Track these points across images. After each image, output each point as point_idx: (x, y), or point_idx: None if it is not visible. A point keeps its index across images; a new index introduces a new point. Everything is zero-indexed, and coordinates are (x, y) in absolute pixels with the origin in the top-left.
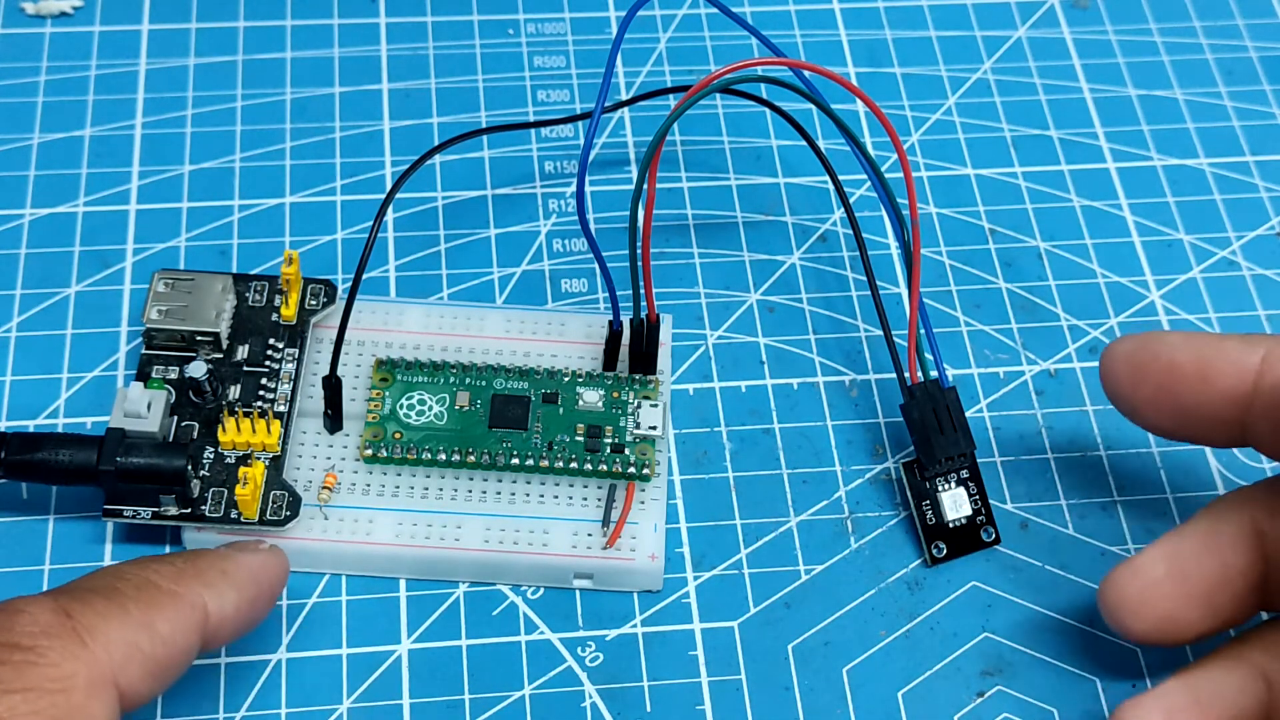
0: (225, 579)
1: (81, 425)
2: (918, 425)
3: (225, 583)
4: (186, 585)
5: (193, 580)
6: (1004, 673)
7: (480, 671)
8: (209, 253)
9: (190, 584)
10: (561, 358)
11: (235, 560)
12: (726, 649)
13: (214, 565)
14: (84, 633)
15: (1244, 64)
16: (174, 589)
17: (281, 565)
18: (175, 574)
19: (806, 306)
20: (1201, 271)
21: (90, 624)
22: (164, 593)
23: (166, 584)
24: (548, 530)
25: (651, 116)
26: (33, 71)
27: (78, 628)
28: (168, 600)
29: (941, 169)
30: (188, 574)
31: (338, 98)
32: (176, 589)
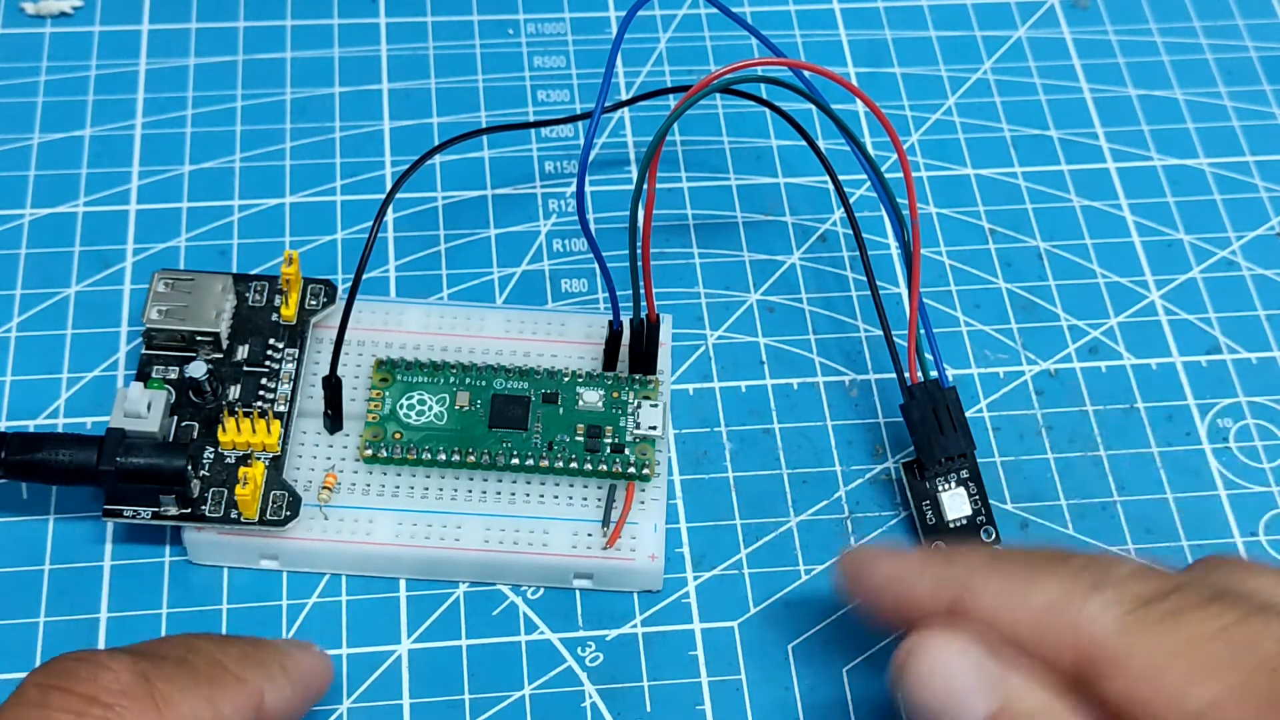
0: (284, 674)
1: (81, 425)
2: (918, 425)
3: (283, 678)
4: (250, 672)
5: (256, 668)
6: None
7: (480, 671)
8: (209, 253)
9: (254, 671)
10: (561, 358)
11: (294, 658)
12: (726, 649)
13: (276, 659)
14: (160, 699)
15: (1244, 64)
16: (239, 674)
17: (329, 671)
18: (241, 659)
19: (806, 306)
20: (1201, 271)
21: (166, 692)
22: (230, 675)
23: (234, 667)
24: (548, 530)
25: (651, 116)
26: (33, 71)
27: (155, 693)
28: (233, 684)
29: (941, 169)
30: (252, 661)
31: (338, 98)
32: (242, 674)
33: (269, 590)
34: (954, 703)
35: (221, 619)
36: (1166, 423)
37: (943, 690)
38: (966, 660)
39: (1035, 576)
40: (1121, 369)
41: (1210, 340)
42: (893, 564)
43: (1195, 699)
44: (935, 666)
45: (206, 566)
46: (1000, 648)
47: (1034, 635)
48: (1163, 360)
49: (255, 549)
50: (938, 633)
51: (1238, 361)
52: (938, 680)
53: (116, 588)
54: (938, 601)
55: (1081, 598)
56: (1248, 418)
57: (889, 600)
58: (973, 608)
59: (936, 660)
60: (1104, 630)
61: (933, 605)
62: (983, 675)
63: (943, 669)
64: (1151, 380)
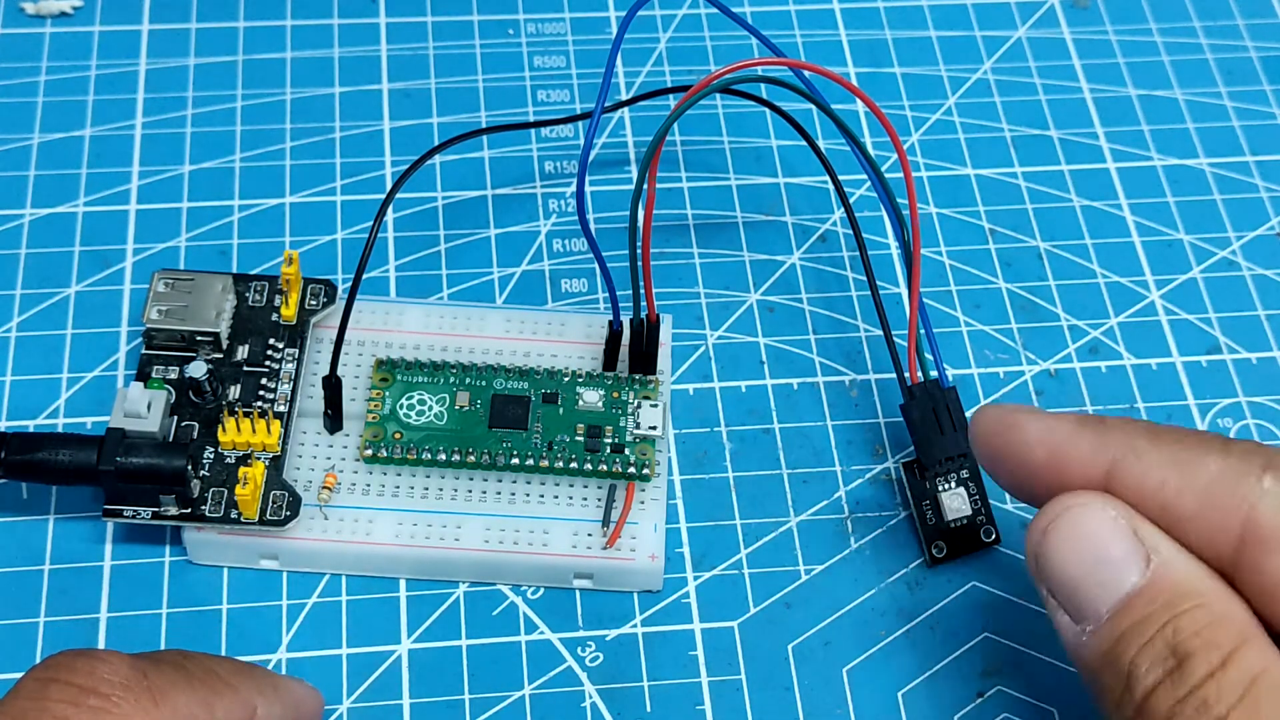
0: (276, 693)
1: (81, 425)
2: (918, 425)
3: (275, 696)
4: (244, 683)
5: (249, 681)
6: (1004, 673)
7: (480, 671)
8: (209, 253)
9: (247, 683)
10: (561, 358)
11: (287, 681)
12: (726, 649)
13: (269, 678)
14: (156, 693)
15: (1244, 64)
16: (233, 683)
17: (320, 703)
18: (235, 671)
19: (806, 306)
20: (1201, 271)
21: (163, 688)
22: (224, 683)
23: (226, 674)
24: (548, 530)
25: (651, 116)
26: (33, 71)
27: (152, 688)
28: (227, 690)
29: (941, 169)
30: (245, 675)
31: (338, 98)
32: (235, 684)
33: (269, 590)
34: (1102, 570)
35: (221, 619)
36: (1166, 423)
37: (1091, 556)
38: (1120, 527)
39: (1203, 450)
40: (1121, 369)
41: (1210, 340)
42: (1044, 424)
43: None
44: (1086, 530)
45: (206, 566)
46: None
47: (1197, 509)
48: (1163, 360)
49: (255, 549)
50: (1089, 497)
51: (1238, 361)
52: (1086, 546)
53: (116, 588)
54: (1094, 467)
55: (1255, 475)
56: (1248, 418)
57: (1038, 461)
58: (1132, 476)
59: (1088, 524)
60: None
61: (1087, 471)
62: (1136, 544)
63: (1093, 534)
64: (1151, 380)
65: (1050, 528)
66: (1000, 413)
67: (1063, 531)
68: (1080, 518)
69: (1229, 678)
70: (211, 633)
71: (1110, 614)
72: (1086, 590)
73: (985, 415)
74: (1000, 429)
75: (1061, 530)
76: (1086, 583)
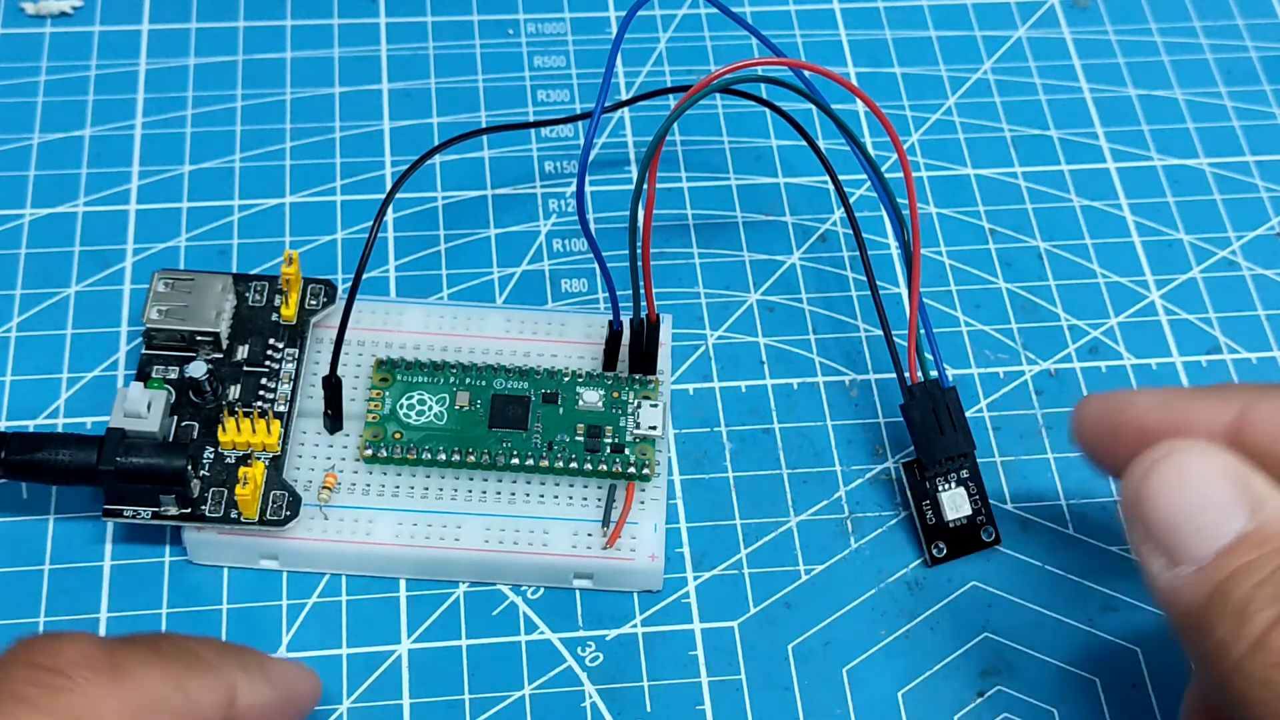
0: (261, 672)
1: (81, 425)
2: (918, 425)
3: (260, 676)
4: (224, 663)
5: (230, 660)
6: (1004, 673)
7: (480, 671)
8: (209, 253)
9: (228, 663)
10: (561, 358)
11: (275, 662)
12: (726, 649)
13: (254, 658)
14: (121, 672)
15: (1244, 64)
16: (211, 662)
17: (316, 685)
18: (216, 650)
19: (806, 306)
20: (1201, 271)
21: (129, 666)
22: (201, 661)
23: (204, 654)
24: (548, 530)
25: (651, 116)
26: (33, 71)
27: (115, 666)
28: (203, 669)
29: (941, 169)
30: (228, 654)
31: (338, 98)
32: (214, 662)
33: (269, 590)
34: (1207, 514)
35: (221, 619)
36: None
37: (1196, 499)
38: (1228, 473)
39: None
40: (1121, 369)
41: (1210, 340)
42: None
43: None
44: (1192, 474)
45: (206, 566)
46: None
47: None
48: (1163, 360)
49: (255, 549)
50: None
51: (1238, 361)
52: (1191, 489)
53: (116, 588)
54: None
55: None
56: None
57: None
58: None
59: (1194, 468)
60: None
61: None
62: (1242, 492)
63: (1199, 478)
64: (1151, 380)
65: (1154, 468)
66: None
67: (1167, 473)
68: (1186, 461)
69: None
70: (211, 633)
71: (1217, 554)
72: (1189, 532)
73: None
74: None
75: (1166, 472)
76: (1189, 525)
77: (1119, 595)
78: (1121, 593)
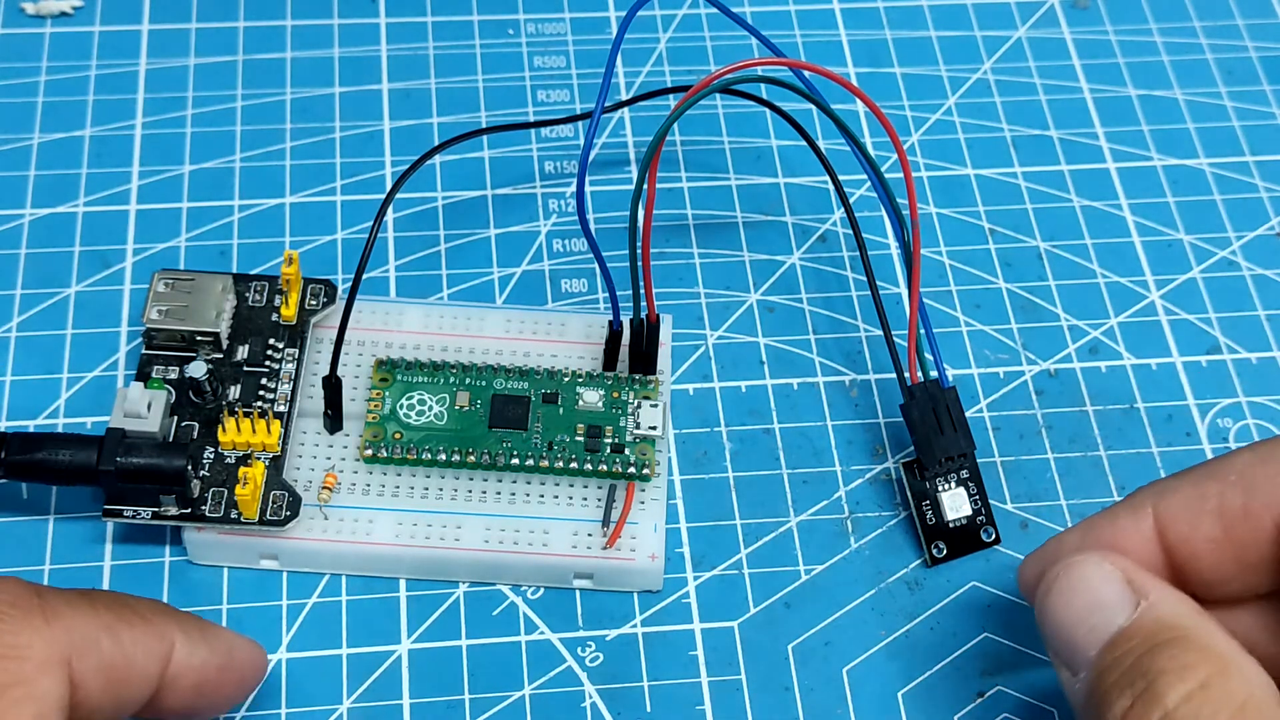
0: (201, 633)
1: (81, 425)
2: (918, 425)
3: (199, 635)
4: (160, 618)
5: (168, 618)
6: (1004, 673)
7: (480, 671)
8: (209, 253)
9: (165, 619)
10: (561, 358)
11: (216, 628)
12: (726, 649)
13: (195, 621)
14: (49, 612)
15: (1244, 64)
16: (147, 615)
17: (260, 659)
18: (153, 607)
19: (806, 306)
20: (1201, 271)
21: (56, 607)
22: (136, 613)
23: (142, 609)
24: (548, 530)
25: (651, 116)
26: (33, 71)
27: (44, 607)
28: (137, 619)
29: (941, 169)
30: (167, 614)
31: (338, 98)
32: (150, 616)
33: (269, 590)
34: (1094, 616)
35: (222, 619)
36: (1166, 423)
37: (1085, 604)
38: (1113, 575)
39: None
40: (1121, 369)
41: (1210, 340)
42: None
43: None
44: (1081, 583)
45: (206, 566)
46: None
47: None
48: (1163, 360)
49: (255, 549)
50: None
51: (1238, 361)
52: (1081, 595)
53: (116, 587)
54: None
55: None
56: (1248, 418)
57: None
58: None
59: (1083, 576)
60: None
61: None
62: (1127, 590)
63: (1087, 584)
64: (1151, 380)
65: (1050, 584)
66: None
67: (1060, 584)
68: (1077, 571)
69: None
70: None
71: (1098, 653)
72: (1080, 637)
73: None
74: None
75: (1059, 584)
76: (1080, 629)
77: None
78: None
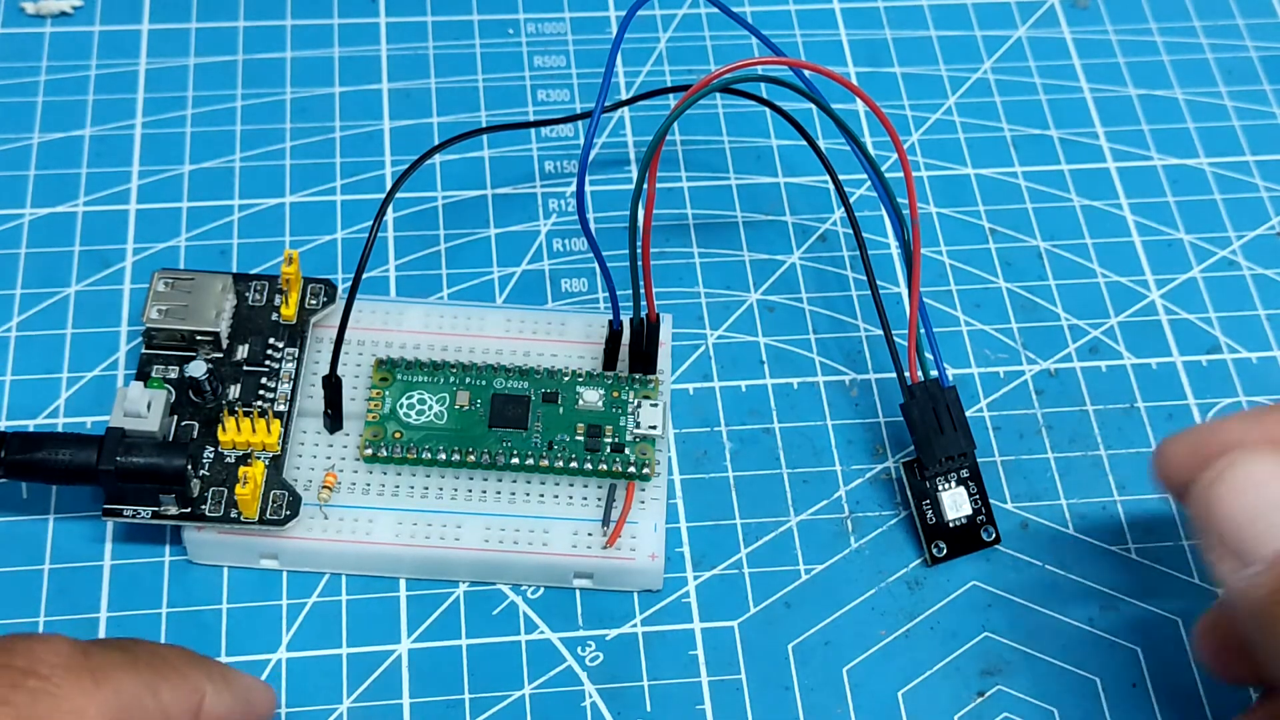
0: (225, 682)
1: (81, 425)
2: (918, 425)
3: (224, 685)
4: (193, 669)
5: (199, 668)
6: (1004, 673)
7: (480, 671)
8: (209, 253)
9: (196, 670)
10: (561, 357)
11: (238, 674)
12: (726, 649)
13: (217, 668)
14: (98, 674)
15: (1244, 64)
16: (181, 669)
17: (270, 701)
18: (185, 657)
19: (806, 306)
20: (1201, 271)
21: (104, 669)
22: (172, 667)
23: (177, 662)
24: (548, 530)
25: (651, 116)
26: (33, 71)
27: (93, 668)
28: (174, 674)
29: (941, 169)
30: (197, 664)
31: (338, 98)
32: (184, 669)
33: (269, 590)
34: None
35: (221, 619)
36: (1167, 423)
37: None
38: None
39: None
40: (1121, 369)
41: (1210, 340)
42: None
43: None
44: (1255, 478)
45: (206, 566)
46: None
47: None
48: (1163, 360)
49: (255, 549)
50: (1260, 449)
51: (1238, 361)
52: (1257, 491)
53: (116, 587)
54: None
55: None
56: None
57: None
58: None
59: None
60: None
61: None
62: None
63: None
64: (1151, 380)
65: (1221, 475)
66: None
67: (1232, 479)
68: (1250, 466)
69: None
70: (211, 632)
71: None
72: (1257, 531)
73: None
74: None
75: (1231, 478)
76: (1256, 526)
77: (1119, 595)
78: (1121, 593)
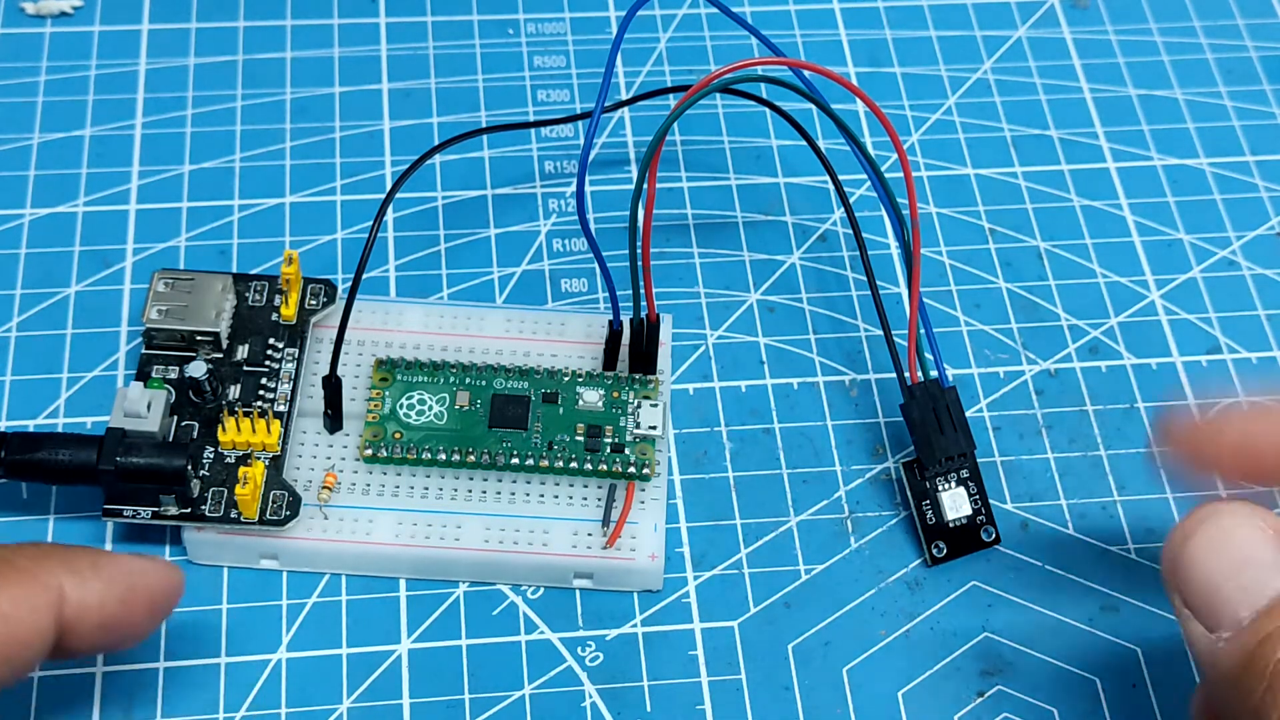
0: (93, 569)
1: (81, 425)
2: (918, 425)
3: (92, 572)
4: (43, 566)
5: (53, 563)
6: (1004, 673)
7: (480, 671)
8: (209, 253)
9: (48, 565)
10: (561, 358)
11: (111, 556)
12: (726, 649)
13: (84, 556)
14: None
15: (1244, 64)
16: (28, 567)
17: (169, 578)
18: (35, 554)
19: (806, 306)
20: (1201, 271)
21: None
22: (14, 569)
23: (19, 560)
24: (548, 530)
25: (651, 116)
26: (33, 71)
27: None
28: (16, 576)
29: (941, 169)
30: (51, 557)
31: (338, 98)
32: (31, 567)
33: (269, 590)
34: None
35: (221, 619)
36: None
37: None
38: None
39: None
40: (1121, 369)
41: (1210, 340)
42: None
43: None
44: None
45: (206, 566)
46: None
47: None
48: (1163, 360)
49: (255, 549)
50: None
51: (1238, 361)
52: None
53: None
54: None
55: None
56: None
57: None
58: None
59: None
60: None
61: None
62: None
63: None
64: (1151, 380)
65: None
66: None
67: (1206, 536)
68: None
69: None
70: (211, 633)
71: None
72: (1227, 594)
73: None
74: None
75: (1205, 535)
76: (1228, 587)
77: (1119, 595)
78: (1121, 593)
